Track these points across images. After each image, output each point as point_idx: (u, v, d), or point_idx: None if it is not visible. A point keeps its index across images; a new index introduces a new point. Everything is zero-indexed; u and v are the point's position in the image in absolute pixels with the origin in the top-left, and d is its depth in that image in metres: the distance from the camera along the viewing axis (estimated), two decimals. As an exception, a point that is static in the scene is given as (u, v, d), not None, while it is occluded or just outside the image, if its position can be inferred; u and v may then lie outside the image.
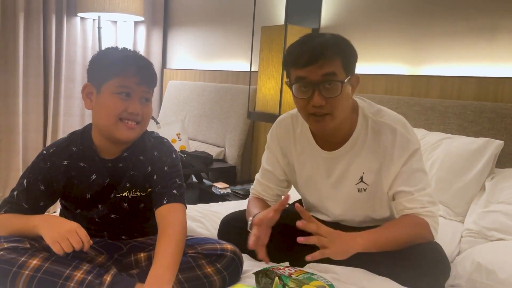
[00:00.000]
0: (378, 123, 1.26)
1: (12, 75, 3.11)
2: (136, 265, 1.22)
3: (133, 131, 1.19)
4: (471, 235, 1.48)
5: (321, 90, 1.17)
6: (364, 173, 1.29)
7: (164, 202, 1.20)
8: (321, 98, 1.17)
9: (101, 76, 1.18)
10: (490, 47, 1.84)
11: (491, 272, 1.22)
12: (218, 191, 2.47)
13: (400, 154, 1.24)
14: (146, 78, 1.19)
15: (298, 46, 1.20)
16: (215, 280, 1.16)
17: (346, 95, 1.20)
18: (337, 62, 1.17)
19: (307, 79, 1.17)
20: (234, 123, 2.90)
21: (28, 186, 1.21)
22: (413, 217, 1.24)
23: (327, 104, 1.18)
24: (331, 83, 1.16)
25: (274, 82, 2.50)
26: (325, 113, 1.19)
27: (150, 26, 3.75)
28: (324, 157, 1.33)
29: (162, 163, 1.25)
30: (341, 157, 1.31)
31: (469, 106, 1.80)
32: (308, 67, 1.16)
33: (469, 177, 1.65)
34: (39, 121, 3.28)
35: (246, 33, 2.97)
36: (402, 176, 1.25)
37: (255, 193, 1.49)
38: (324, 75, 1.16)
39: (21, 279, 1.04)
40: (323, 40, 1.18)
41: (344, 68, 1.18)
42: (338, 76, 1.17)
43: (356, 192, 1.32)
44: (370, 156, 1.27)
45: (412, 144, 1.25)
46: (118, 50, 1.22)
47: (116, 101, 1.16)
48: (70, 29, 3.37)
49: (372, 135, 1.27)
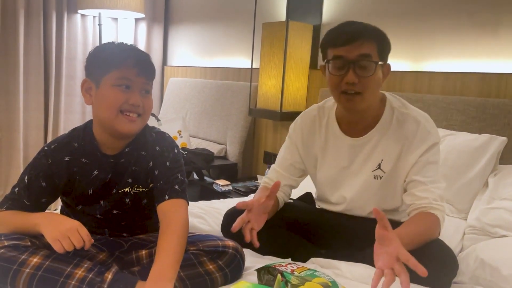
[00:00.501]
0: (403, 114, 1.32)
1: (13, 73, 3.11)
2: (138, 263, 1.22)
3: (135, 123, 1.19)
4: (474, 232, 1.48)
5: (355, 68, 1.24)
6: (383, 160, 1.33)
7: (166, 198, 1.19)
8: (355, 76, 1.24)
9: (99, 70, 1.17)
10: (493, 43, 1.83)
11: (495, 269, 1.22)
12: (220, 188, 2.46)
13: (419, 145, 1.28)
14: (145, 69, 1.19)
15: (337, 28, 1.28)
16: (217, 277, 1.15)
17: (377, 78, 1.26)
18: (373, 45, 1.25)
19: (344, 57, 1.24)
20: (235, 120, 2.89)
21: (29, 183, 1.21)
22: (428, 214, 1.23)
23: (359, 83, 1.24)
24: (366, 63, 1.23)
25: (276, 79, 2.49)
26: (356, 91, 1.25)
27: (151, 23, 3.74)
28: (349, 144, 1.37)
29: (164, 158, 1.25)
30: (364, 144, 1.35)
31: (472, 102, 1.79)
32: (346, 46, 1.24)
33: (472, 174, 1.64)
34: (40, 119, 3.28)
35: (247, 30, 2.96)
36: (418, 165, 1.28)
37: (267, 181, 1.50)
38: (360, 55, 1.23)
39: (22, 277, 1.03)
40: (362, 25, 1.27)
41: (379, 53, 1.25)
42: (373, 58, 1.24)
43: (371, 179, 1.35)
44: (392, 143, 1.32)
45: (433, 137, 1.29)
46: (115, 44, 1.21)
47: (117, 93, 1.16)
48: (71, 26, 3.36)
49: (396, 124, 1.32)
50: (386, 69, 1.30)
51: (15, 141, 3.16)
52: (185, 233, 1.14)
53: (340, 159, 1.39)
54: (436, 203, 1.23)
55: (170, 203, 1.19)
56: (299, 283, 1.03)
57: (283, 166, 1.50)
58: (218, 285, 1.16)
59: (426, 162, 1.27)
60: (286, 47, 2.41)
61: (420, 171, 1.27)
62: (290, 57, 2.44)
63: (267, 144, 2.86)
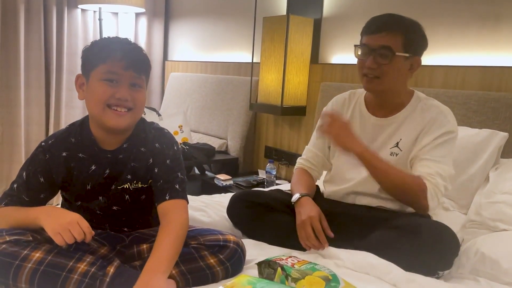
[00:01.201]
0: (427, 104, 1.44)
1: (14, 68, 3.11)
2: (139, 257, 1.22)
3: (123, 118, 1.17)
4: (474, 226, 1.48)
5: (375, 56, 1.36)
6: (401, 140, 1.43)
7: (167, 198, 1.19)
8: (373, 62, 1.37)
9: (88, 65, 1.17)
10: (494, 36, 1.82)
11: (495, 262, 1.22)
12: (221, 182, 2.47)
13: (436, 130, 1.37)
14: (133, 63, 1.16)
15: (372, 19, 1.41)
16: (218, 271, 1.16)
17: (396, 67, 1.37)
18: (398, 38, 1.35)
19: (368, 45, 1.38)
20: (236, 114, 2.89)
21: (27, 179, 1.21)
22: (415, 176, 1.33)
23: (378, 68, 1.37)
24: (384, 52, 1.35)
25: (276, 73, 2.49)
26: (375, 75, 1.38)
27: (151, 18, 3.73)
28: (373, 123, 1.49)
29: (164, 156, 1.25)
30: (387, 125, 1.46)
31: (473, 96, 1.79)
32: (372, 36, 1.38)
33: (473, 170, 1.64)
34: (41, 114, 3.28)
35: (247, 24, 2.95)
36: (429, 146, 1.36)
37: (302, 161, 1.63)
38: (380, 45, 1.35)
39: (24, 272, 1.03)
40: (393, 17, 1.39)
41: (404, 46, 1.35)
42: (392, 49, 1.34)
43: (387, 155, 1.43)
44: (412, 126, 1.42)
45: (450, 126, 1.38)
46: (107, 39, 1.20)
47: (103, 87, 1.14)
48: (71, 21, 3.36)
49: (420, 111, 1.43)
50: (415, 62, 1.40)
51: (17, 136, 3.17)
52: (183, 233, 1.15)
53: (362, 136, 1.44)
54: (430, 176, 1.31)
55: (171, 204, 1.19)
56: (300, 277, 1.04)
57: (317, 146, 1.62)
58: (219, 279, 1.16)
59: (437, 144, 1.35)
60: (286, 42, 2.40)
61: (428, 150, 1.36)
62: (291, 52, 2.43)
63: (268, 138, 2.86)
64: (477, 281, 1.21)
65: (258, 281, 0.98)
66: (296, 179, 1.56)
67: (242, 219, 1.49)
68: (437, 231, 1.20)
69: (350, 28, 1.30)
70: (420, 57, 1.42)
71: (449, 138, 1.37)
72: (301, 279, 1.03)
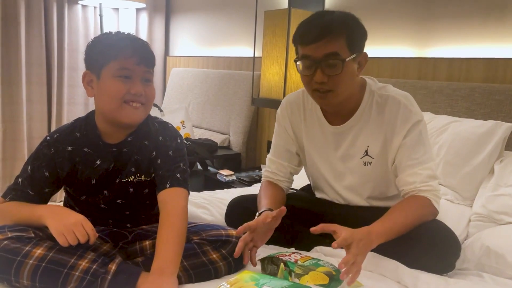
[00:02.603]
0: (382, 97, 1.30)
1: (15, 65, 3.10)
2: (141, 253, 1.22)
3: (138, 112, 1.19)
4: (479, 219, 1.46)
5: (323, 68, 1.21)
6: (369, 146, 1.32)
7: (167, 186, 1.19)
8: (323, 75, 1.22)
9: (99, 61, 1.16)
10: (498, 27, 1.80)
11: (500, 256, 1.21)
12: (223, 178, 2.46)
13: (402, 125, 1.26)
14: (144, 58, 1.18)
15: (305, 24, 1.25)
16: (221, 266, 1.15)
17: (349, 73, 1.23)
18: (341, 41, 1.20)
19: (311, 57, 1.22)
20: (238, 109, 2.88)
21: (32, 173, 1.21)
22: (414, 198, 1.24)
23: (329, 81, 1.22)
24: (333, 61, 1.20)
25: (278, 67, 2.47)
26: (327, 89, 1.24)
27: (152, 13, 3.71)
28: (332, 131, 1.36)
29: (167, 148, 1.25)
30: (347, 131, 1.34)
31: (477, 88, 1.77)
32: (312, 45, 1.21)
33: (477, 161, 1.62)
34: (43, 110, 3.28)
35: (249, 18, 2.93)
36: (404, 148, 1.27)
37: (268, 175, 1.48)
38: (326, 54, 1.20)
39: (26, 268, 1.03)
40: (329, 19, 1.22)
41: (349, 47, 1.21)
42: (340, 55, 1.20)
43: (362, 166, 1.34)
44: (375, 129, 1.31)
45: (415, 116, 1.27)
46: (113, 34, 1.20)
47: (118, 84, 1.15)
48: (72, 17, 3.35)
49: (376, 108, 1.31)
50: (362, 59, 1.27)
51: (19, 133, 3.17)
52: (184, 224, 1.14)
53: (326, 145, 1.38)
54: (424, 184, 1.24)
55: (171, 192, 1.19)
56: (303, 273, 1.03)
57: (279, 154, 1.47)
58: (222, 274, 1.16)
59: (412, 143, 1.26)
60: (288, 35, 2.38)
61: (407, 154, 1.26)
62: (292, 45, 2.41)
63: (271, 133, 2.84)
64: (481, 276, 1.20)
65: (261, 277, 0.98)
66: (262, 194, 1.39)
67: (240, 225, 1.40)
68: (437, 233, 1.19)
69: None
70: (364, 51, 1.27)
71: (420, 129, 1.27)
72: (304, 275, 1.03)
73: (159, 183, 1.21)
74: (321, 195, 1.49)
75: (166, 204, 1.17)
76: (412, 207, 1.22)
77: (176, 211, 1.15)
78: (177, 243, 1.10)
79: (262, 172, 1.53)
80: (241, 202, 1.48)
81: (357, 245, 1.03)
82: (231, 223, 1.45)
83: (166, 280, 1.03)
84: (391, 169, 1.32)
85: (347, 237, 1.03)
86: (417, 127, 1.27)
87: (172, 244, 1.09)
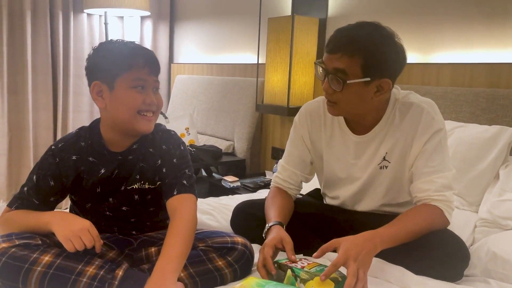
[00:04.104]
0: (405, 104, 1.30)
1: (21, 73, 3.13)
2: (147, 260, 1.22)
3: (152, 122, 1.22)
4: (485, 225, 1.46)
5: (329, 80, 1.23)
6: (387, 152, 1.31)
7: (175, 193, 1.20)
8: (328, 86, 1.24)
9: (111, 72, 1.17)
10: (502, 32, 1.80)
11: (507, 262, 1.21)
12: (228, 184, 2.46)
13: (423, 132, 1.25)
14: (154, 67, 1.21)
15: (336, 32, 1.24)
16: (226, 273, 1.16)
17: (353, 94, 1.21)
18: (356, 60, 1.18)
19: (324, 65, 1.24)
20: (243, 116, 2.89)
21: (37, 182, 1.22)
22: (425, 206, 1.23)
23: (334, 94, 1.24)
24: (336, 77, 1.20)
25: (282, 74, 2.48)
26: (332, 101, 1.26)
27: (157, 21, 3.74)
28: (355, 141, 1.35)
29: (171, 156, 1.26)
30: (370, 140, 1.33)
31: (481, 93, 1.77)
32: (329, 55, 1.22)
33: (482, 166, 1.62)
34: (48, 118, 3.30)
35: (252, 25, 2.95)
36: (423, 155, 1.26)
37: (278, 181, 1.47)
38: (334, 68, 1.21)
39: (34, 275, 1.04)
40: (353, 35, 1.20)
41: (364, 69, 1.18)
42: (348, 74, 1.19)
43: (377, 170, 1.33)
44: (396, 135, 1.30)
45: (437, 124, 1.26)
46: (119, 43, 1.20)
47: (134, 95, 1.17)
48: (77, 26, 3.38)
49: (399, 116, 1.30)
50: (383, 84, 1.22)
51: (25, 140, 3.19)
52: (192, 229, 1.15)
53: (347, 154, 1.37)
54: (437, 194, 1.22)
55: (179, 198, 1.20)
56: (308, 278, 1.03)
57: (293, 162, 1.46)
58: (227, 281, 1.16)
59: (431, 150, 1.25)
60: (292, 42, 2.39)
61: (425, 161, 1.25)
62: (296, 52, 2.42)
63: (275, 139, 2.85)
64: (488, 282, 1.19)
65: (266, 283, 0.98)
66: (270, 202, 1.39)
67: (246, 231, 1.38)
68: (446, 242, 1.17)
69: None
70: (390, 78, 1.22)
71: (440, 137, 1.26)
72: (309, 280, 1.03)
73: (167, 192, 1.22)
74: (331, 201, 1.49)
75: (174, 212, 1.18)
76: (422, 215, 1.21)
77: (185, 216, 1.16)
78: (183, 244, 1.10)
79: (272, 177, 1.52)
80: (246, 208, 1.48)
81: (354, 261, 1.02)
82: (236, 228, 1.45)
83: (166, 277, 1.03)
84: (408, 175, 1.31)
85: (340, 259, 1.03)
86: (438, 136, 1.25)
87: (178, 245, 1.09)
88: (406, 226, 1.16)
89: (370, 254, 1.07)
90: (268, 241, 1.18)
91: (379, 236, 1.10)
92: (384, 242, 1.11)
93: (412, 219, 1.19)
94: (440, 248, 1.16)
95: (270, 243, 1.17)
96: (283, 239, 1.19)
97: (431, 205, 1.22)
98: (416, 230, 1.17)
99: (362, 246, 1.06)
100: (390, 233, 1.13)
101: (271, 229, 1.26)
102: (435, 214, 1.21)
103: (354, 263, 1.02)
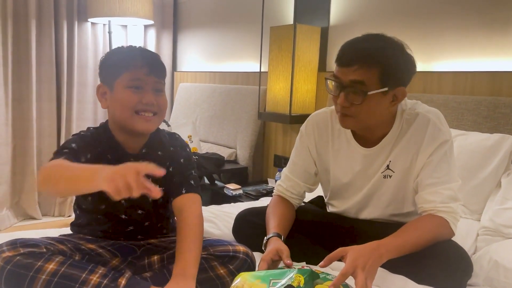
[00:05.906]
0: (412, 115, 1.29)
1: (26, 81, 3.16)
2: (150, 268, 1.23)
3: (151, 122, 1.22)
4: (487, 233, 1.46)
5: (346, 93, 1.21)
6: (391, 161, 1.31)
7: (183, 192, 1.23)
8: (345, 100, 1.21)
9: (111, 74, 1.21)
10: (503, 40, 1.81)
11: (509, 270, 1.21)
12: (230, 192, 2.47)
13: (429, 143, 1.25)
14: (154, 68, 1.22)
15: (346, 46, 1.23)
16: (228, 281, 1.16)
17: (373, 104, 1.21)
18: (373, 71, 1.18)
19: (339, 79, 1.22)
20: (245, 124, 2.90)
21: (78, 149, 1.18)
22: (431, 217, 1.22)
23: (351, 107, 1.22)
24: (356, 90, 1.19)
25: (284, 82, 2.50)
26: (349, 114, 1.23)
27: (160, 30, 3.77)
28: (362, 153, 1.35)
29: (178, 156, 1.30)
30: (378, 153, 1.33)
31: (483, 102, 1.77)
32: (343, 68, 1.21)
33: (484, 174, 1.62)
34: (52, 126, 3.32)
35: (255, 34, 2.97)
36: (428, 166, 1.25)
37: (281, 190, 1.47)
38: (352, 81, 1.19)
39: (38, 283, 1.04)
40: (368, 47, 1.20)
41: (381, 79, 1.18)
42: (367, 86, 1.18)
43: (381, 178, 1.33)
44: (402, 145, 1.29)
45: (443, 135, 1.26)
46: (124, 48, 1.26)
47: (129, 95, 1.18)
48: (81, 34, 3.41)
49: (406, 126, 1.29)
50: (398, 93, 1.22)
51: (29, 148, 3.21)
52: (201, 229, 1.20)
53: (354, 166, 1.37)
54: (443, 205, 1.22)
55: (186, 198, 1.23)
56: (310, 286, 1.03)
57: (297, 173, 1.46)
58: (229, 289, 1.17)
59: (437, 161, 1.24)
60: (294, 50, 2.41)
61: (430, 172, 1.25)
62: (298, 60, 2.44)
63: (277, 147, 2.86)
64: (490, 291, 1.19)
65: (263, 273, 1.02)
66: (271, 211, 1.39)
67: (248, 239, 1.38)
68: (449, 253, 1.17)
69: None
70: (405, 86, 1.24)
71: (446, 148, 1.25)
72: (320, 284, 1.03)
73: (174, 190, 1.24)
74: (335, 209, 1.49)
75: (182, 211, 1.21)
76: (428, 227, 1.20)
77: (193, 216, 1.20)
78: (197, 247, 1.15)
79: (275, 185, 1.52)
80: (248, 216, 1.48)
81: (362, 270, 1.03)
82: (238, 236, 1.46)
83: (189, 282, 1.07)
84: (413, 186, 1.31)
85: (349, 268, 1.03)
86: (444, 147, 1.25)
87: (193, 248, 1.13)
88: (412, 237, 1.16)
89: (376, 264, 1.07)
90: (264, 256, 1.19)
91: (385, 246, 1.11)
92: (390, 252, 1.11)
93: (418, 230, 1.19)
94: (442, 258, 1.16)
95: (266, 258, 1.17)
96: (278, 249, 1.19)
97: (437, 217, 1.22)
98: (421, 241, 1.16)
99: (369, 255, 1.06)
100: (396, 244, 1.13)
101: (269, 241, 1.27)
102: (441, 226, 1.21)
103: (362, 273, 1.02)
